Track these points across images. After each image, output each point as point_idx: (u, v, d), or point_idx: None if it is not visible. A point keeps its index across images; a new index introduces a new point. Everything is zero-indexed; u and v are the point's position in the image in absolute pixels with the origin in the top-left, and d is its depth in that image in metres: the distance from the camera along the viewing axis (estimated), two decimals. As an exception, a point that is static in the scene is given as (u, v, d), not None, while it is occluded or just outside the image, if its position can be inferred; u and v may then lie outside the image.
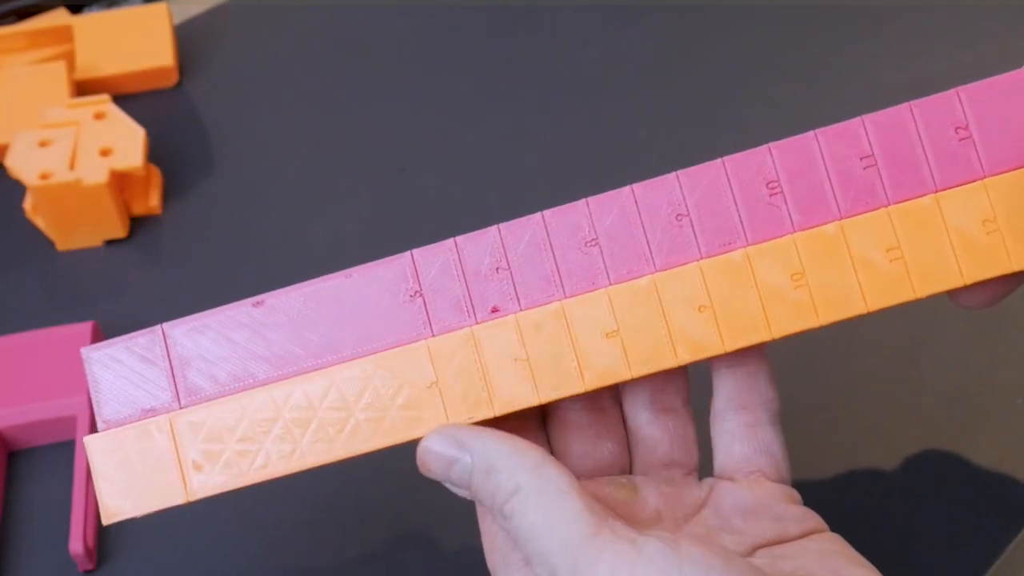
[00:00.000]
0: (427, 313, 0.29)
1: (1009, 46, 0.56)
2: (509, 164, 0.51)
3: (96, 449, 0.29)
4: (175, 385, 0.29)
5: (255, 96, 0.55)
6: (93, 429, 0.40)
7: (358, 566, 0.38)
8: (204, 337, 0.29)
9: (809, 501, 0.31)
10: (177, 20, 0.58)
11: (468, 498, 0.29)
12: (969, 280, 0.29)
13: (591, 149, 0.52)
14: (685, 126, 0.53)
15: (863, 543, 0.30)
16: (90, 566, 0.38)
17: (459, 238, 0.29)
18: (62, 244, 0.48)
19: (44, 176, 0.46)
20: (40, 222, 0.49)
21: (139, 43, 0.55)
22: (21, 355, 0.42)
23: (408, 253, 0.29)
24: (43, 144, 0.47)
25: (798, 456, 0.40)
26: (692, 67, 0.56)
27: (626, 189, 0.29)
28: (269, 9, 0.60)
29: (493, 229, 0.29)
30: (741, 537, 0.30)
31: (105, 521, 0.29)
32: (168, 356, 0.29)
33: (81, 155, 0.47)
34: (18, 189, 0.49)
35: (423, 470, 0.29)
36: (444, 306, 0.29)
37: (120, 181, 0.48)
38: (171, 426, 0.29)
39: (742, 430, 0.31)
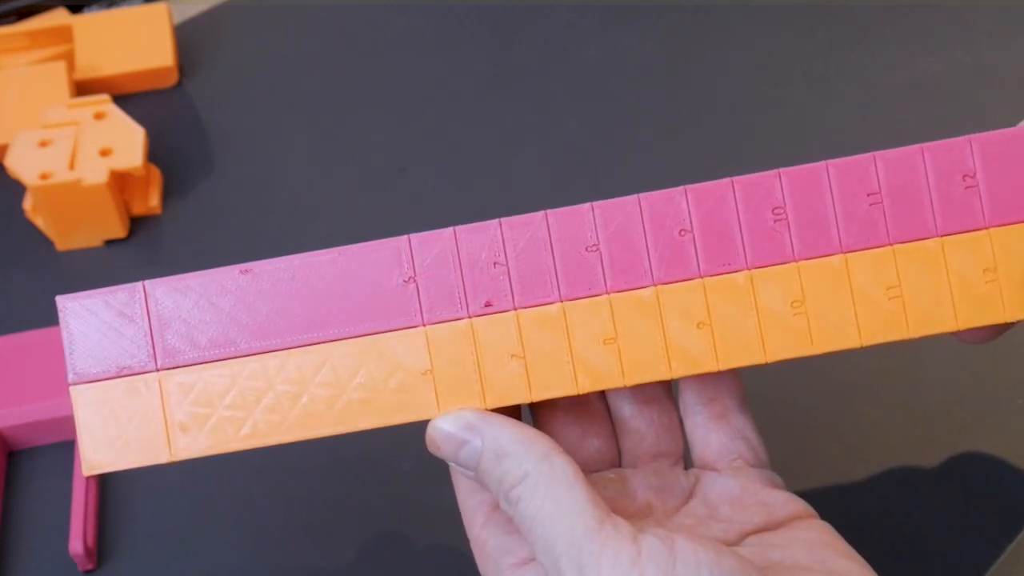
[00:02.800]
0: (419, 300, 0.29)
1: (1009, 46, 0.56)
2: (509, 164, 0.51)
3: (82, 400, 0.29)
4: (152, 344, 0.29)
5: (255, 96, 0.55)
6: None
7: (358, 566, 0.38)
8: (186, 299, 0.29)
9: (809, 501, 0.31)
10: (177, 20, 0.58)
11: (472, 479, 0.29)
12: (963, 326, 0.29)
13: (591, 149, 0.52)
14: (685, 126, 0.53)
15: (863, 543, 0.30)
16: (90, 566, 0.38)
17: (459, 228, 0.29)
18: (62, 244, 0.48)
19: (44, 176, 0.46)
20: (40, 222, 0.49)
21: (139, 43, 0.55)
22: (21, 355, 0.42)
23: (405, 237, 0.29)
24: (43, 144, 0.47)
25: (798, 457, 0.40)
26: (692, 67, 0.56)
27: (632, 198, 0.29)
28: (269, 9, 0.60)
29: (494, 223, 0.29)
30: (729, 525, 0.30)
31: (85, 472, 0.29)
32: (147, 314, 0.29)
33: (81, 155, 0.47)
34: (18, 189, 0.49)
35: (432, 448, 0.29)
36: (437, 295, 0.29)
37: (120, 181, 0.48)
38: (160, 385, 0.29)
39: (714, 421, 0.32)
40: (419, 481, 0.40)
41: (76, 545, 0.37)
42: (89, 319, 0.29)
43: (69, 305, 0.29)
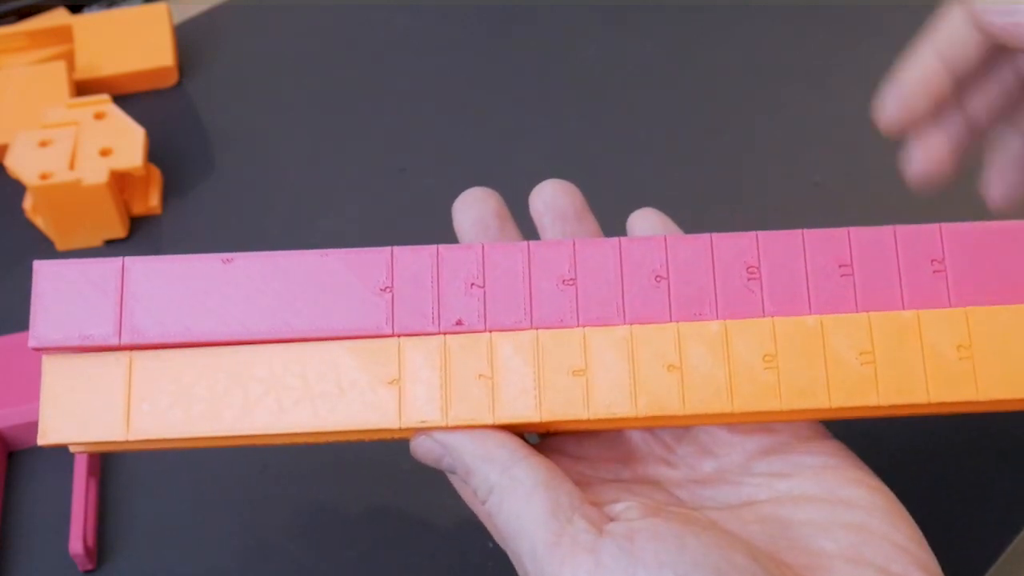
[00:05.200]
0: (392, 310, 0.29)
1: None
2: (509, 164, 0.51)
3: (51, 369, 0.29)
4: (120, 319, 0.29)
5: (255, 96, 0.55)
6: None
7: (358, 567, 0.38)
8: (163, 280, 0.29)
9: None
10: (177, 20, 0.58)
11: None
12: (934, 400, 0.29)
13: (591, 149, 0.52)
14: (685, 126, 0.53)
15: (863, 543, 0.30)
16: (90, 566, 0.38)
17: (442, 247, 0.30)
18: (62, 244, 0.48)
19: (44, 176, 0.46)
20: (40, 222, 0.49)
21: (139, 43, 0.55)
22: (21, 355, 0.42)
23: (389, 248, 0.30)
24: (43, 144, 0.47)
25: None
26: (692, 67, 0.56)
27: (614, 240, 0.30)
28: (269, 9, 0.60)
29: (478, 246, 0.30)
30: (731, 449, 0.30)
31: (40, 441, 0.29)
32: (121, 289, 0.29)
33: (81, 155, 0.47)
34: (18, 189, 0.49)
35: (417, 458, 0.30)
36: (410, 308, 0.29)
37: (120, 181, 0.48)
38: (130, 363, 0.29)
39: None
40: (419, 482, 0.40)
41: (76, 545, 0.37)
42: (61, 285, 0.29)
43: (44, 269, 0.29)
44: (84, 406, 0.29)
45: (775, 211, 0.49)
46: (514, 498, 0.27)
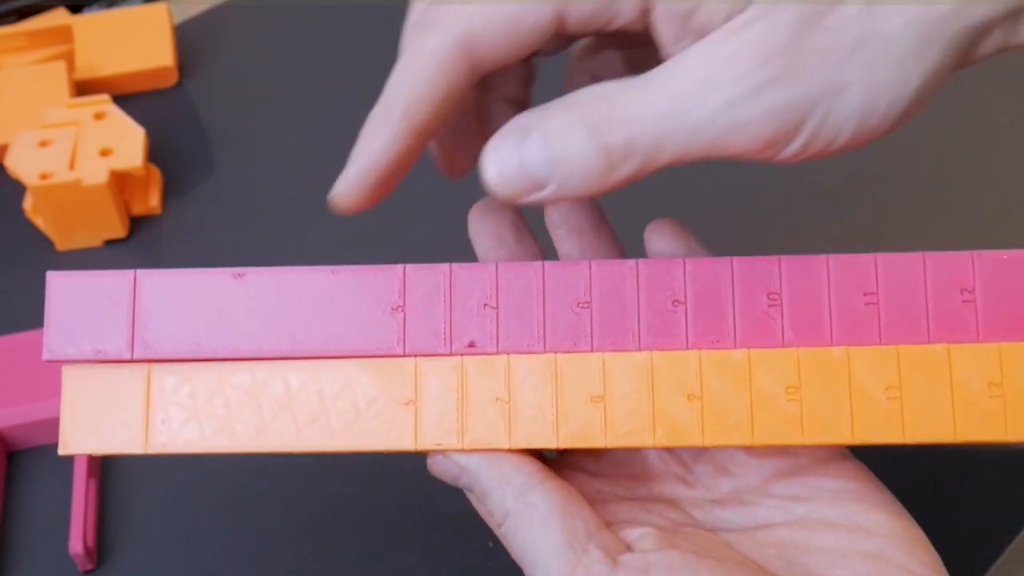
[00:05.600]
0: (404, 330, 0.29)
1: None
2: (509, 164, 0.51)
3: (71, 379, 0.29)
4: (132, 334, 0.29)
5: (255, 96, 0.55)
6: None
7: (359, 567, 0.38)
8: (175, 294, 0.29)
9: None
10: (177, 20, 0.58)
11: None
12: (961, 439, 0.28)
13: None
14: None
15: (863, 543, 0.30)
16: (90, 566, 0.38)
17: (455, 265, 0.29)
18: (62, 244, 0.48)
19: (44, 176, 0.46)
20: (40, 222, 0.49)
21: (139, 43, 0.55)
22: (21, 355, 0.42)
23: (401, 266, 0.29)
24: (43, 144, 0.47)
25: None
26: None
27: (631, 262, 0.29)
28: (269, 9, 0.60)
29: (491, 265, 0.29)
30: (747, 471, 0.30)
31: (60, 452, 0.29)
32: (133, 302, 0.29)
33: (81, 155, 0.47)
34: (18, 189, 0.49)
35: (434, 474, 0.30)
36: (422, 328, 0.29)
37: (120, 181, 0.48)
38: (148, 376, 0.29)
39: None
40: (419, 482, 0.40)
41: (76, 545, 0.37)
42: (74, 298, 0.29)
43: (57, 281, 0.29)
44: (104, 418, 0.29)
45: (775, 211, 0.49)
46: (530, 524, 0.27)
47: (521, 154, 0.26)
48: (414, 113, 0.27)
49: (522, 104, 0.32)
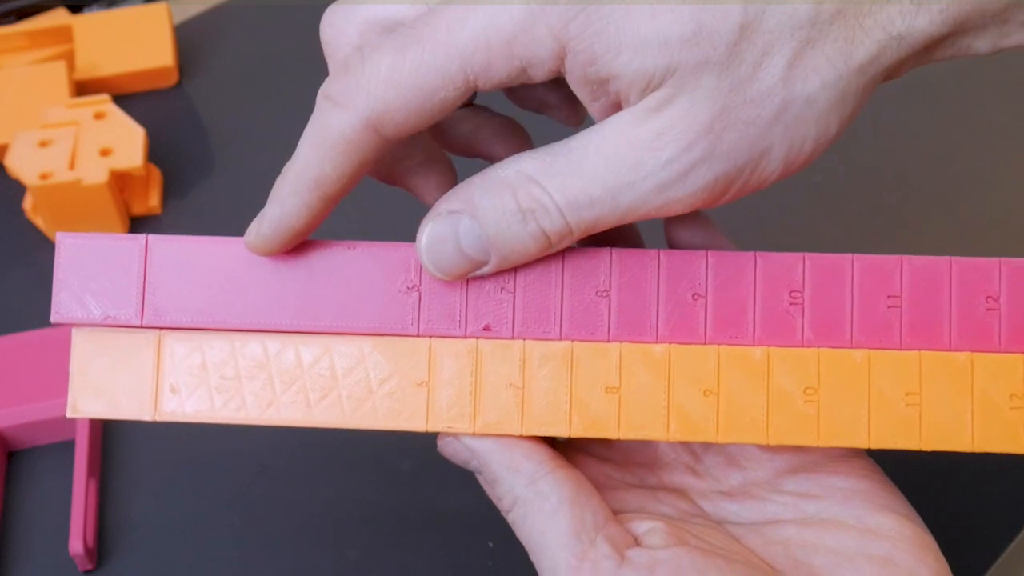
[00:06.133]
0: (419, 310, 0.29)
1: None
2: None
3: (80, 342, 0.29)
4: (142, 300, 0.29)
5: (255, 96, 0.55)
6: (93, 429, 0.41)
7: (358, 567, 0.38)
8: (186, 261, 0.29)
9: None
10: (177, 20, 0.58)
11: None
12: (978, 449, 0.28)
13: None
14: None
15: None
16: (90, 566, 0.38)
17: None
18: (62, 244, 0.48)
19: (44, 176, 0.46)
20: (40, 222, 0.49)
21: (139, 43, 0.55)
22: (21, 355, 0.42)
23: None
24: (43, 144, 0.47)
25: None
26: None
27: (652, 252, 0.29)
28: (269, 9, 0.60)
29: None
30: (760, 464, 0.30)
31: (68, 414, 0.29)
32: (144, 268, 0.29)
33: (81, 155, 0.47)
34: (18, 189, 0.49)
35: (447, 458, 0.30)
36: (438, 309, 0.29)
37: (120, 181, 0.48)
38: (159, 343, 0.29)
39: None
40: (419, 482, 0.40)
41: (76, 545, 0.37)
42: (84, 261, 0.29)
43: (67, 242, 0.29)
44: (113, 383, 0.29)
45: (775, 210, 0.49)
46: (538, 513, 0.27)
47: (457, 240, 0.27)
48: (322, 187, 0.27)
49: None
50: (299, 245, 0.29)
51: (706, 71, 0.24)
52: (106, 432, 0.42)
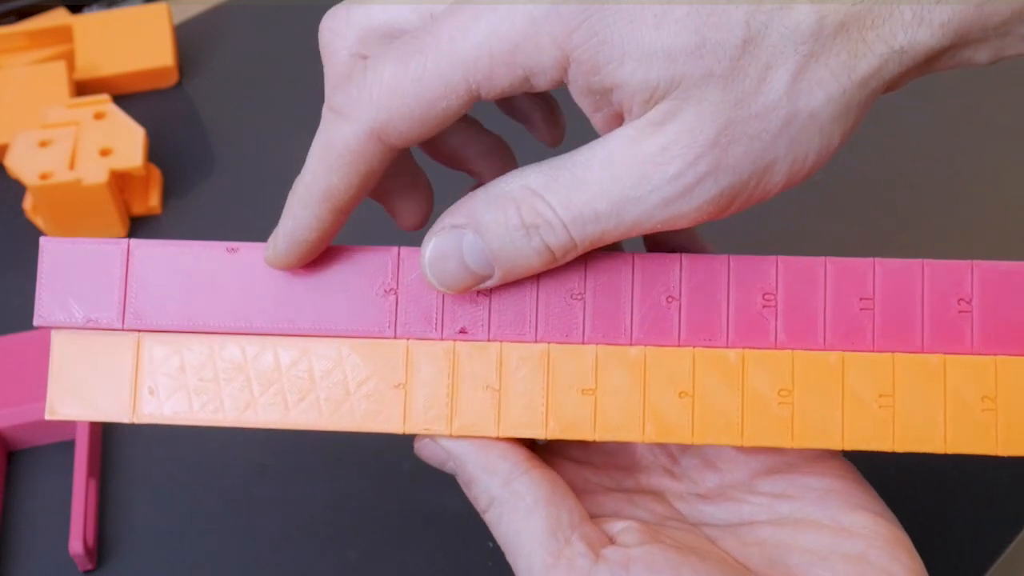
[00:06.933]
0: (396, 313, 0.29)
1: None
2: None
3: (60, 344, 0.29)
4: (124, 303, 0.29)
5: (255, 96, 0.55)
6: (93, 429, 0.41)
7: (358, 567, 0.38)
8: (168, 265, 0.29)
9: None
10: (177, 20, 0.58)
11: None
12: (951, 451, 0.28)
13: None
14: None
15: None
16: (90, 566, 0.38)
17: None
18: (62, 244, 0.48)
19: (44, 176, 0.46)
20: (40, 222, 0.49)
21: (139, 43, 0.55)
22: (21, 355, 0.42)
23: (395, 248, 0.29)
24: (43, 144, 0.47)
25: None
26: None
27: (627, 255, 0.29)
28: (269, 9, 0.60)
29: None
30: (736, 465, 0.30)
31: (46, 416, 0.29)
32: (126, 272, 0.29)
33: (81, 155, 0.47)
34: (18, 189, 0.49)
35: (421, 458, 0.30)
36: (414, 312, 0.29)
37: (120, 181, 0.48)
38: (138, 345, 0.29)
39: None
40: (419, 482, 0.40)
41: (76, 545, 0.37)
42: (66, 264, 0.29)
43: (50, 246, 0.29)
44: (92, 385, 0.29)
45: (774, 209, 0.49)
46: (514, 512, 0.27)
47: (461, 255, 0.27)
48: (330, 198, 0.27)
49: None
50: None
51: (710, 84, 0.25)
52: (106, 432, 0.42)
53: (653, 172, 0.25)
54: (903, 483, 0.39)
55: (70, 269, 0.29)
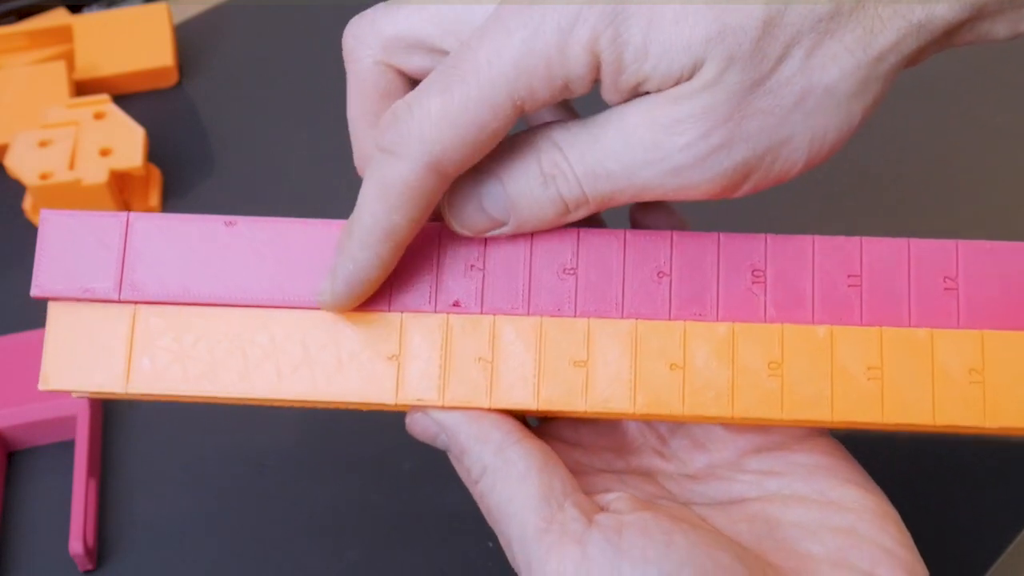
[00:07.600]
0: (390, 286, 0.29)
1: (1012, 45, 0.56)
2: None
3: (56, 316, 0.29)
4: (121, 274, 0.29)
5: (255, 96, 0.55)
6: (93, 429, 0.41)
7: (358, 567, 0.38)
8: (166, 238, 0.29)
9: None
10: (177, 20, 0.58)
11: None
12: (940, 423, 0.28)
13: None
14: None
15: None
16: (90, 566, 0.38)
17: (443, 225, 0.29)
18: (62, 244, 0.48)
19: (44, 176, 0.46)
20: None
21: (139, 43, 0.55)
22: (21, 355, 0.42)
23: None
24: (43, 144, 0.47)
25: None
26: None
27: (618, 231, 0.29)
28: (269, 9, 0.60)
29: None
30: (724, 445, 0.30)
31: (40, 386, 0.29)
32: (124, 244, 0.29)
33: (81, 155, 0.47)
34: (18, 189, 0.49)
35: (412, 434, 0.30)
36: (408, 284, 0.29)
37: (120, 181, 0.48)
38: (133, 317, 0.29)
39: None
40: (419, 482, 0.40)
41: (76, 545, 0.37)
42: (66, 236, 0.29)
43: (51, 218, 0.29)
44: (87, 355, 0.29)
45: (773, 207, 0.49)
46: (507, 480, 0.27)
47: (480, 197, 0.28)
48: (393, 237, 0.28)
49: None
50: (275, 221, 0.29)
51: (731, 66, 0.25)
52: (106, 432, 0.42)
53: (665, 140, 0.26)
54: (904, 483, 0.39)
55: (70, 240, 0.29)
